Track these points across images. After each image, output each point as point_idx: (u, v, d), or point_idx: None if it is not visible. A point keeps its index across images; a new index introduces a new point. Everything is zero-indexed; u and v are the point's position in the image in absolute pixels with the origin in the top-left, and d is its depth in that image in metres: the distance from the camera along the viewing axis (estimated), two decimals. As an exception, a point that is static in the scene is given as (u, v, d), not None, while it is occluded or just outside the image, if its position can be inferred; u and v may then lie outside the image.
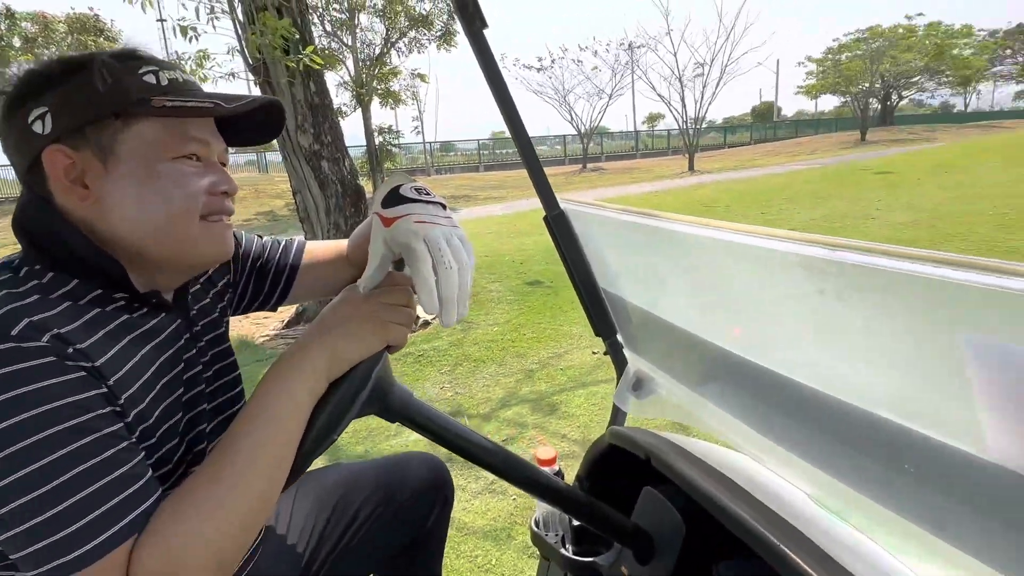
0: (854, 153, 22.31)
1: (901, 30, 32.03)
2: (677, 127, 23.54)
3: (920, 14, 33.01)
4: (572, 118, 25.45)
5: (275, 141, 4.64)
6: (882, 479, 0.66)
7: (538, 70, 24.52)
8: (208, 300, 0.81)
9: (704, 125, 25.14)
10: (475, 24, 0.99)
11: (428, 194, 0.69)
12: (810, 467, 0.76)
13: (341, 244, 0.97)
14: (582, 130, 25.71)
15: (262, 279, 0.92)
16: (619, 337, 1.20)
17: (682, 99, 22.40)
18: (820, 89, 35.33)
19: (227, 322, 0.85)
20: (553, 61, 24.70)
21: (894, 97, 36.77)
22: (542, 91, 24.85)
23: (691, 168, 21.42)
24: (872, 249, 0.54)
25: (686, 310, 0.95)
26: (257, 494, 0.57)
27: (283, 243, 0.97)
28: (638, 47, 23.70)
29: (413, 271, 0.62)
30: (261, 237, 0.97)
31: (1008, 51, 39.71)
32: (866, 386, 0.64)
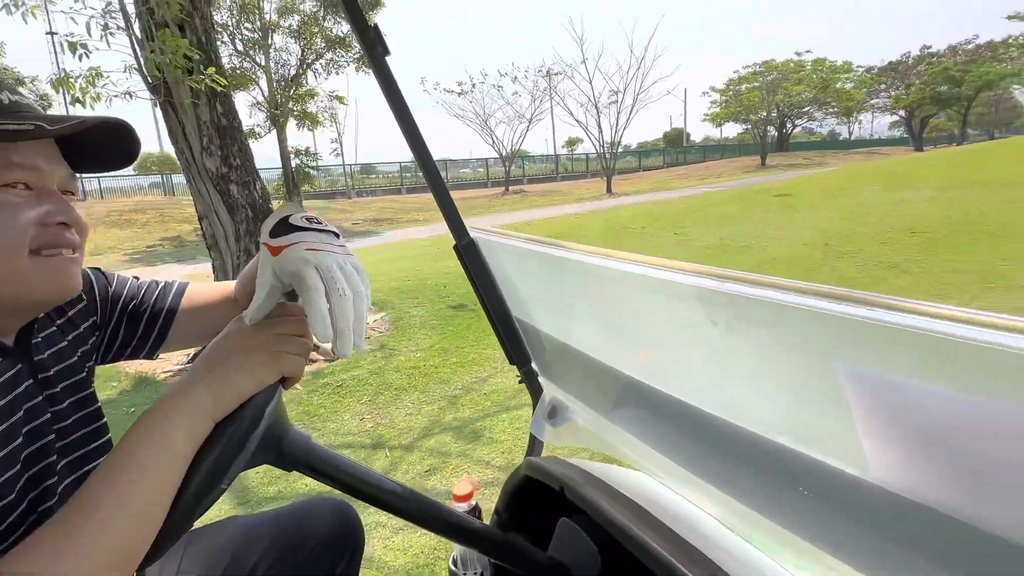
0: (756, 177, 23.94)
1: (792, 64, 35.00)
2: (595, 151, 24.40)
3: (808, 51, 36.20)
4: (494, 142, 25.86)
5: (179, 163, 4.39)
6: (782, 502, 0.67)
7: (459, 94, 24.81)
8: (66, 343, 0.73)
9: (620, 149, 26.22)
10: (376, 51, 0.96)
11: (320, 223, 0.66)
12: (717, 491, 0.77)
13: (228, 286, 0.90)
14: (504, 153, 26.13)
15: (134, 323, 0.84)
16: (534, 365, 1.20)
17: (598, 124, 23.29)
18: (724, 117, 37.83)
19: (90, 368, 0.76)
20: (474, 86, 25.07)
21: (788, 125, 39.97)
22: (463, 115, 25.14)
23: (609, 191, 22.21)
24: (760, 281, 0.55)
25: (595, 338, 0.95)
26: (115, 554, 0.49)
27: (162, 285, 0.89)
28: (556, 74, 24.53)
29: (305, 300, 0.58)
30: (138, 278, 0.88)
31: (882, 86, 44.17)
32: (762, 413, 0.66)
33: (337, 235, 0.66)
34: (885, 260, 6.22)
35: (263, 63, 15.20)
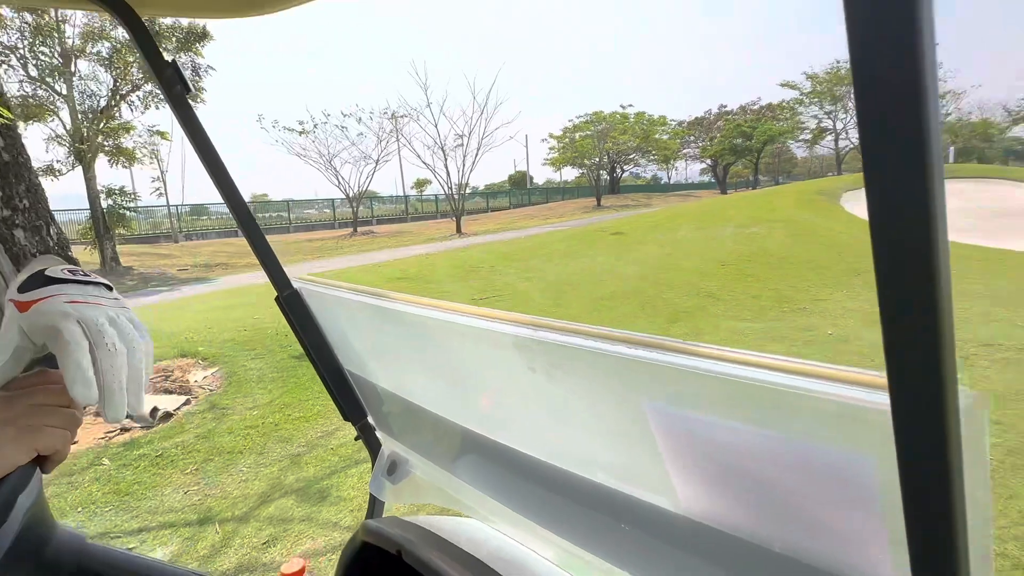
0: (593, 217, 25.88)
1: (618, 116, 38.87)
2: (444, 192, 24.79)
3: (631, 105, 40.58)
4: (339, 182, 25.19)
5: (-59, 206, 3.67)
6: (607, 538, 0.69)
7: (300, 133, 23.92)
8: None
9: (468, 191, 26.91)
10: (176, 89, 0.88)
11: (86, 275, 0.58)
12: (549, 534, 0.77)
13: None
14: (351, 194, 25.54)
15: None
16: (370, 419, 1.14)
17: (446, 166, 23.77)
18: (561, 162, 40.69)
19: None
20: (316, 125, 24.32)
21: (618, 170, 44.05)
22: (306, 154, 24.23)
23: (459, 231, 22.59)
24: (575, 330, 0.57)
25: (428, 389, 0.93)
26: None
27: None
28: (401, 117, 24.69)
29: (63, 357, 0.49)
30: None
31: (692, 137, 50.56)
32: (585, 454, 0.67)
33: (109, 287, 0.58)
34: (704, 289, 6.99)
35: (65, 92, 13.46)
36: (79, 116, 13.76)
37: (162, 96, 0.89)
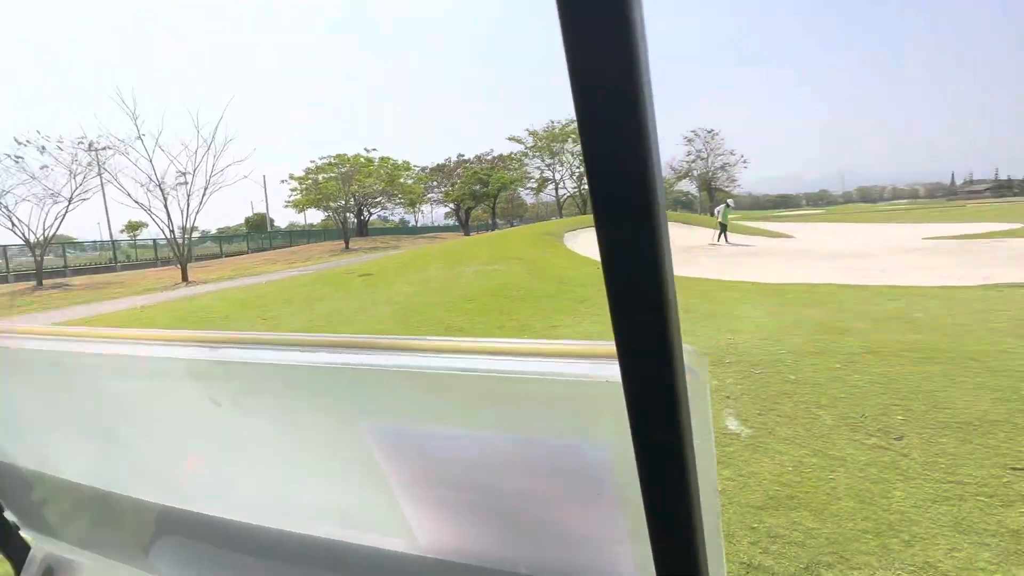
0: (342, 259, 25.17)
1: (362, 159, 38.92)
2: (165, 236, 21.54)
3: (375, 149, 41.04)
4: (14, 224, 20.14)
5: None
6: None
7: (-53, 162, 18.56)
8: None
9: (198, 234, 23.90)
10: None
11: None
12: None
13: None
14: (32, 239, 20.59)
15: None
16: (8, 515, 0.82)
17: (166, 207, 20.74)
18: (305, 204, 38.96)
19: None
20: (-27, 153, 19.13)
21: (366, 213, 43.92)
22: (-43, 189, 18.86)
23: (185, 279, 19.84)
24: (260, 340, 0.45)
25: (90, 458, 0.69)
26: None
27: None
28: (102, 148, 20.93)
29: None
30: None
31: (435, 183, 53.18)
32: (305, 506, 0.55)
33: None
34: (453, 324, 7.21)
35: None
36: None
37: None
